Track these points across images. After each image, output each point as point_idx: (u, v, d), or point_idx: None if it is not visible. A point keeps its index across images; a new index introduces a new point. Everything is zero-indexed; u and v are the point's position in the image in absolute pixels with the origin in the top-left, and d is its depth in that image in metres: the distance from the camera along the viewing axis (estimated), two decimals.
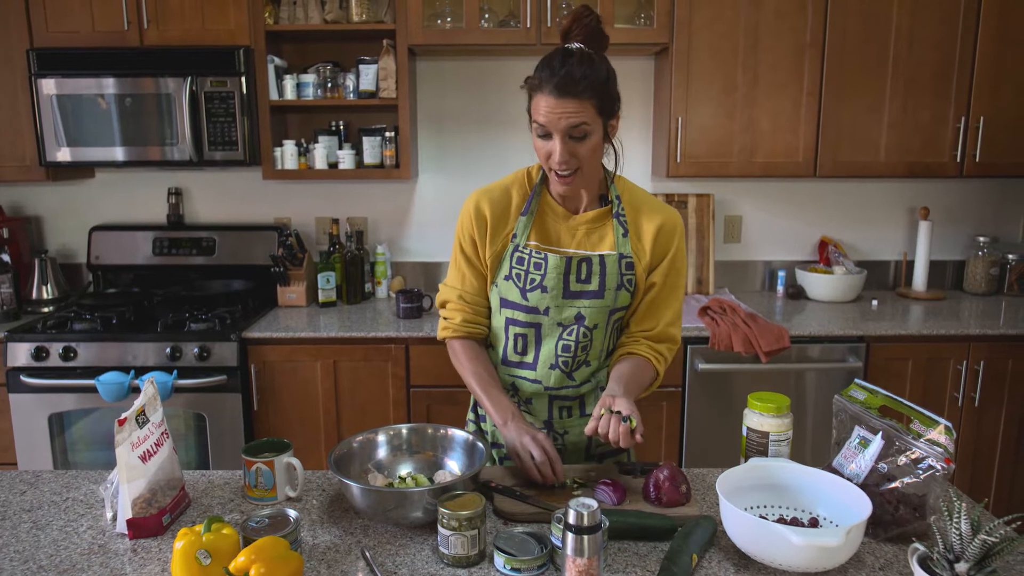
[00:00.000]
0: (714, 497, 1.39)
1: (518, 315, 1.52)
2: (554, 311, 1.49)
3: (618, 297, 1.49)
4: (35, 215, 3.25)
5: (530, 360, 1.54)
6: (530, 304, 1.49)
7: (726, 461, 2.67)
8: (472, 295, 1.57)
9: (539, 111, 1.36)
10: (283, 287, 2.99)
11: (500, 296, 1.53)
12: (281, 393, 2.68)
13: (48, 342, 2.57)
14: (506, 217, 1.53)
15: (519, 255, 1.50)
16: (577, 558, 1.05)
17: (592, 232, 1.51)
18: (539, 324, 1.51)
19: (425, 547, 1.22)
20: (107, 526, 1.29)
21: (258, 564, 1.03)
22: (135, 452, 1.23)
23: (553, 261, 1.47)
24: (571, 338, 1.50)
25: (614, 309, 1.51)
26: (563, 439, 1.59)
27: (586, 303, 1.48)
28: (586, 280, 1.48)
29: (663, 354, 1.53)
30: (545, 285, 1.48)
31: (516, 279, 1.50)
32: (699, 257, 3.15)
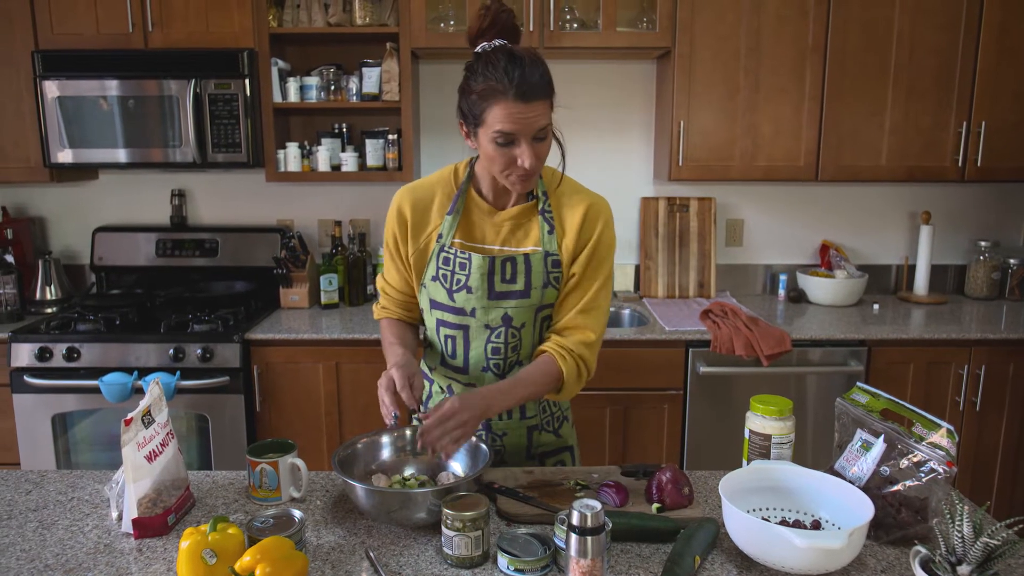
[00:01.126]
0: (716, 499, 1.40)
1: (447, 316, 1.51)
2: (480, 312, 1.48)
3: (544, 295, 1.48)
4: (39, 216, 3.26)
5: (461, 363, 1.54)
6: (457, 305, 1.49)
7: (727, 464, 2.68)
8: (394, 289, 1.61)
9: (502, 119, 1.31)
10: (286, 289, 3.00)
11: (429, 297, 1.52)
12: (283, 394, 2.69)
13: (51, 343, 2.58)
14: (427, 217, 1.51)
15: (445, 255, 1.49)
16: (580, 559, 1.05)
17: (517, 228, 1.49)
18: (467, 326, 1.50)
19: (429, 548, 1.22)
20: (112, 525, 1.30)
21: (263, 564, 1.04)
22: (141, 452, 1.24)
23: (476, 261, 1.46)
24: (499, 340, 1.49)
25: (541, 306, 1.49)
26: (502, 440, 1.58)
27: (512, 303, 1.47)
28: (511, 280, 1.46)
29: (570, 349, 1.45)
30: (470, 286, 1.46)
31: (443, 280, 1.49)
32: (701, 260, 3.16)
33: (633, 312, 3.00)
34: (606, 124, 3.17)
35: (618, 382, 2.64)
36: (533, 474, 1.47)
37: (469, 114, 1.38)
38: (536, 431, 1.59)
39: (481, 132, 1.36)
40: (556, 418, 1.63)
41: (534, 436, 1.59)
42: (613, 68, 3.13)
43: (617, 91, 3.15)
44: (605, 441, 2.69)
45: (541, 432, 1.60)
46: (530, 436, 1.59)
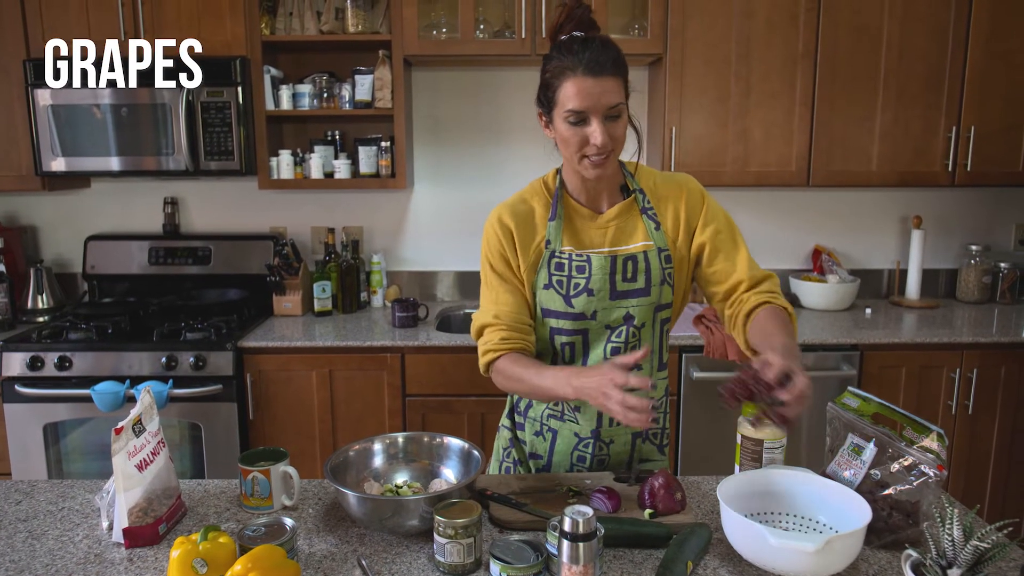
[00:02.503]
0: (709, 504, 1.40)
1: (563, 324, 1.48)
2: (602, 314, 1.46)
3: (663, 293, 1.46)
4: (30, 225, 3.25)
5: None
6: (576, 310, 1.46)
7: (721, 469, 2.67)
8: (508, 312, 1.48)
9: (572, 96, 1.32)
10: (279, 296, 2.99)
11: (541, 307, 1.48)
12: (276, 402, 2.68)
13: (43, 351, 2.57)
14: (532, 226, 1.49)
15: (557, 261, 1.46)
16: (572, 565, 1.05)
17: (622, 228, 1.48)
18: (586, 330, 1.47)
19: (421, 555, 1.22)
20: (103, 535, 1.29)
21: (255, 572, 1.04)
22: (132, 461, 1.24)
23: (598, 262, 1.44)
24: (619, 340, 1.47)
25: (659, 306, 1.47)
26: (608, 448, 1.54)
27: (634, 302, 1.45)
28: (632, 278, 1.45)
29: (771, 291, 1.44)
30: (591, 288, 1.44)
31: (558, 286, 1.46)
32: None
33: None
34: None
35: None
36: (526, 480, 1.46)
37: (544, 98, 1.40)
38: (640, 439, 1.55)
39: (555, 115, 1.38)
40: (664, 433, 1.60)
41: (637, 445, 1.55)
42: None
43: None
44: None
45: (645, 442, 1.56)
46: (633, 445, 1.55)
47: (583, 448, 1.53)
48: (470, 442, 1.42)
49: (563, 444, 1.54)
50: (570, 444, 1.54)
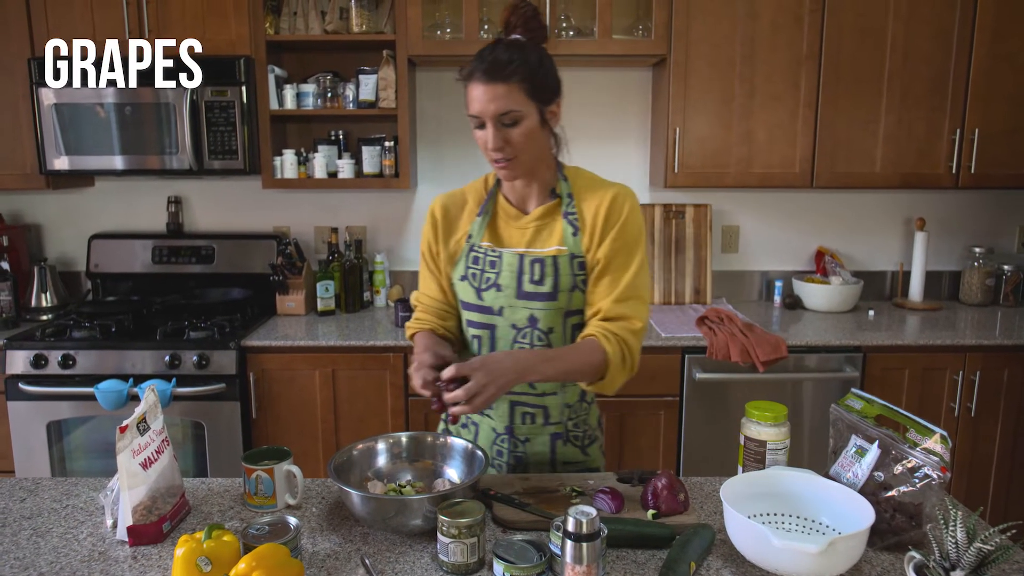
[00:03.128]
0: (712, 505, 1.40)
1: (473, 316, 1.53)
2: (508, 311, 1.48)
3: (572, 299, 1.47)
4: (35, 223, 3.26)
5: None
6: (484, 304, 1.50)
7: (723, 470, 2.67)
8: (430, 298, 1.60)
9: (470, 100, 1.37)
10: (282, 296, 3.00)
11: (459, 298, 1.55)
12: (279, 401, 2.68)
13: (47, 350, 2.57)
14: (459, 219, 1.55)
15: (475, 254, 1.51)
16: (576, 565, 1.05)
17: (541, 230, 1.49)
18: (493, 325, 1.50)
19: (424, 555, 1.22)
20: (107, 533, 1.30)
21: (259, 571, 1.04)
22: (136, 459, 1.24)
23: (507, 259, 1.48)
24: (526, 341, 1.48)
25: (569, 311, 1.48)
26: (524, 446, 1.55)
27: (539, 305, 1.46)
28: (539, 281, 1.46)
29: (616, 333, 1.41)
30: (500, 284, 1.48)
31: (472, 279, 1.51)
32: (696, 267, 3.16)
33: None
34: (602, 131, 3.18)
35: None
36: (529, 480, 1.47)
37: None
38: (560, 440, 1.56)
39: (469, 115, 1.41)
40: (586, 435, 1.60)
41: (558, 447, 1.56)
42: (609, 75, 3.14)
43: (613, 98, 3.16)
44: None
45: (566, 444, 1.57)
46: (553, 446, 1.56)
47: (500, 443, 1.56)
48: (473, 442, 1.42)
49: (483, 438, 1.59)
50: (489, 438, 1.58)
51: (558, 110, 1.44)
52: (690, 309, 3.05)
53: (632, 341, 1.43)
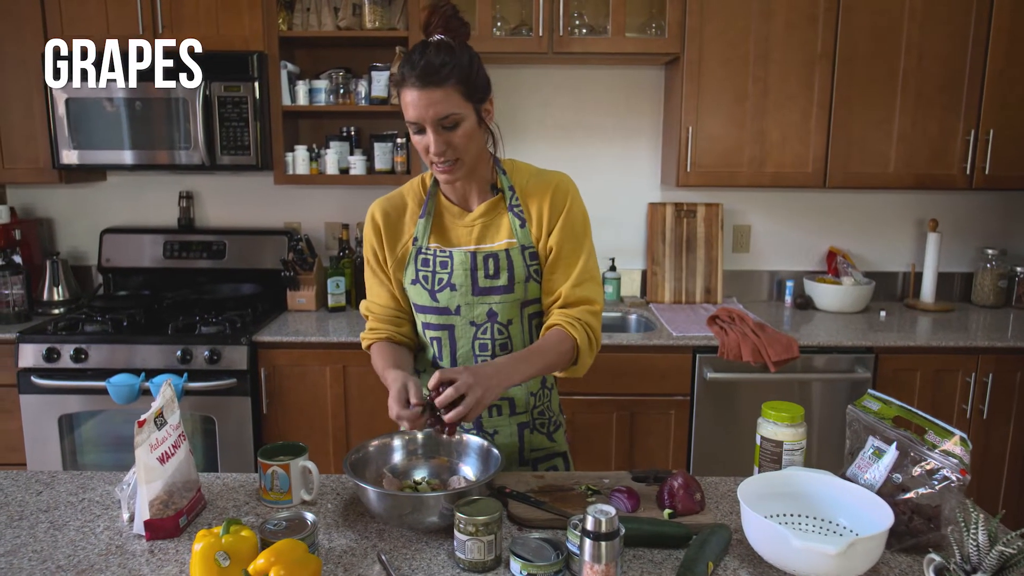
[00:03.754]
0: (727, 505, 1.39)
1: (430, 318, 1.52)
2: (465, 309, 1.49)
3: (528, 289, 1.49)
4: (47, 217, 3.27)
5: (448, 363, 1.54)
6: (440, 304, 1.49)
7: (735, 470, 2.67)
8: (378, 305, 1.58)
9: (406, 106, 1.35)
10: (293, 291, 3.00)
11: (412, 302, 1.54)
12: (290, 397, 2.69)
13: (59, 343, 2.58)
14: (401, 223, 1.53)
15: (423, 256, 1.50)
16: (595, 564, 1.05)
17: (488, 226, 1.49)
18: (452, 325, 1.50)
19: (441, 552, 1.22)
20: (124, 527, 1.30)
21: (277, 567, 1.04)
22: (154, 454, 1.24)
23: (459, 258, 1.47)
24: (486, 336, 1.50)
25: (525, 302, 1.50)
26: (493, 438, 1.56)
27: (497, 299, 1.47)
28: (494, 275, 1.47)
29: (579, 318, 1.46)
30: (453, 283, 1.47)
31: (424, 282, 1.50)
32: (707, 266, 3.16)
33: (640, 317, 3.00)
34: (614, 129, 3.18)
35: (625, 387, 2.64)
36: (544, 479, 1.46)
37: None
38: (528, 430, 1.58)
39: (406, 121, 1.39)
40: (551, 421, 1.62)
41: (526, 436, 1.58)
42: (622, 73, 3.14)
43: (625, 96, 3.16)
44: (611, 446, 2.68)
45: (533, 432, 1.59)
46: (521, 435, 1.58)
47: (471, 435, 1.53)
48: (489, 440, 1.42)
49: None
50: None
51: (491, 107, 1.44)
52: (700, 309, 3.04)
53: (594, 323, 1.49)
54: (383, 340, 1.57)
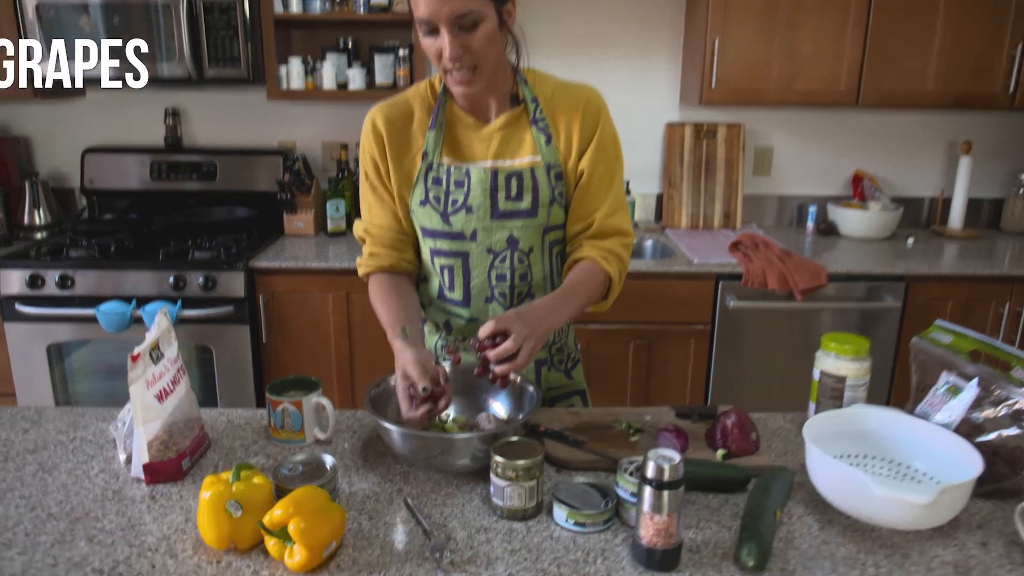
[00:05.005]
0: (780, 445, 1.28)
1: (441, 244, 1.36)
2: (482, 235, 1.33)
3: (551, 213, 1.34)
4: (23, 136, 3.05)
5: (460, 295, 1.39)
6: (454, 229, 1.33)
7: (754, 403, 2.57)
8: (379, 227, 1.40)
9: (417, 1, 1.16)
10: (290, 215, 2.83)
11: (419, 226, 1.37)
12: (290, 326, 2.56)
13: (43, 269, 2.42)
14: (407, 133, 1.34)
15: (434, 175, 1.33)
16: (655, 515, 0.93)
17: (508, 139, 1.32)
18: (466, 252, 1.35)
19: (474, 497, 1.11)
20: (120, 469, 1.17)
21: (297, 518, 0.92)
22: (151, 391, 1.10)
23: (477, 176, 1.31)
24: (505, 266, 1.35)
25: (548, 227, 1.35)
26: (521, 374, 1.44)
27: (518, 224, 1.32)
28: (517, 197, 1.31)
29: (612, 251, 1.34)
30: (470, 205, 1.31)
31: (435, 203, 1.33)
32: (727, 190, 3.00)
33: (656, 243, 2.85)
34: (631, 44, 2.96)
35: (642, 315, 2.51)
36: (579, 415, 1.34)
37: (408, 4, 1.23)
38: (545, 367, 1.46)
39: (416, 27, 1.21)
40: (569, 357, 1.50)
41: (543, 374, 1.46)
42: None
43: (644, 9, 2.93)
44: (627, 378, 2.58)
45: (551, 370, 1.47)
46: (539, 373, 1.46)
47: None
48: (522, 375, 1.29)
49: None
50: None
51: (514, 9, 1.26)
52: (719, 234, 2.90)
53: (626, 257, 1.38)
54: (385, 271, 1.40)
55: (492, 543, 1.00)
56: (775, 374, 2.56)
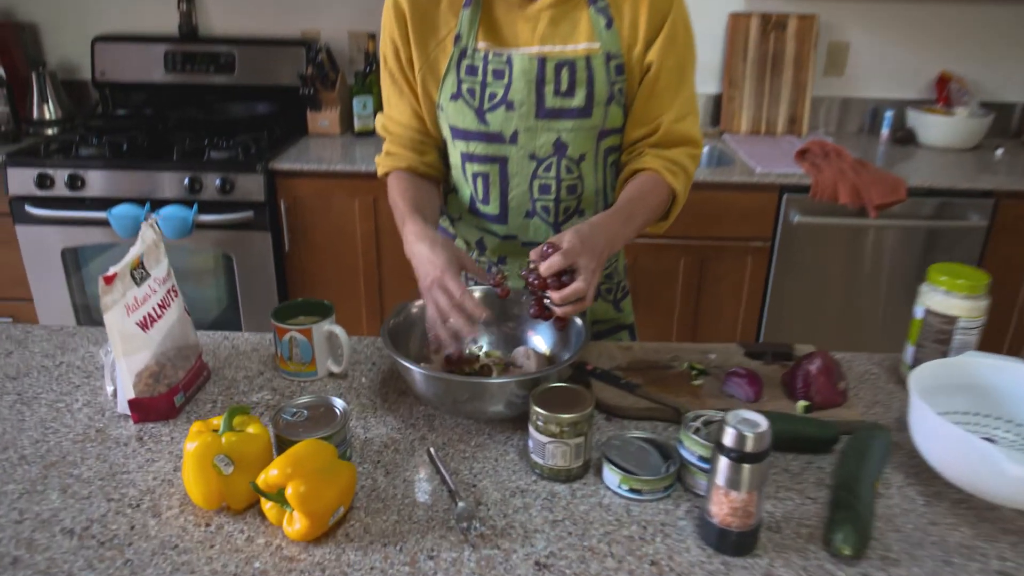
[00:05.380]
0: (868, 394, 1.08)
1: (475, 147, 1.14)
2: (525, 136, 1.12)
3: (608, 115, 1.12)
4: (29, 22, 2.83)
5: (496, 209, 1.18)
6: (491, 129, 1.12)
7: (812, 329, 2.38)
8: (397, 123, 1.20)
9: None
10: (313, 112, 2.61)
11: (449, 125, 1.16)
12: (315, 232, 2.39)
13: (52, 168, 2.26)
14: (435, 11, 1.12)
15: (468, 63, 1.11)
16: (731, 491, 0.76)
17: (560, 21, 1.09)
18: (504, 158, 1.14)
19: (510, 449, 0.94)
20: (107, 403, 1.03)
21: (296, 481, 0.76)
22: (132, 317, 0.94)
23: (520, 65, 1.08)
24: (550, 175, 1.14)
25: (603, 131, 1.13)
26: None
27: (568, 125, 1.11)
28: (568, 92, 1.09)
29: (678, 162, 1.14)
30: (511, 100, 1.09)
31: (468, 97, 1.11)
32: (794, 92, 2.69)
33: (713, 149, 2.59)
34: None
35: (696, 230, 2.29)
36: (632, 350, 1.16)
37: None
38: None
39: None
40: (618, 286, 1.31)
41: None
42: None
43: None
44: (675, 298, 2.38)
45: (597, 299, 1.28)
46: None
47: None
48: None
49: None
50: None
51: None
52: (783, 141, 2.62)
53: (693, 170, 1.19)
54: (403, 170, 1.21)
55: (530, 510, 0.84)
56: (837, 299, 2.34)
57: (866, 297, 2.33)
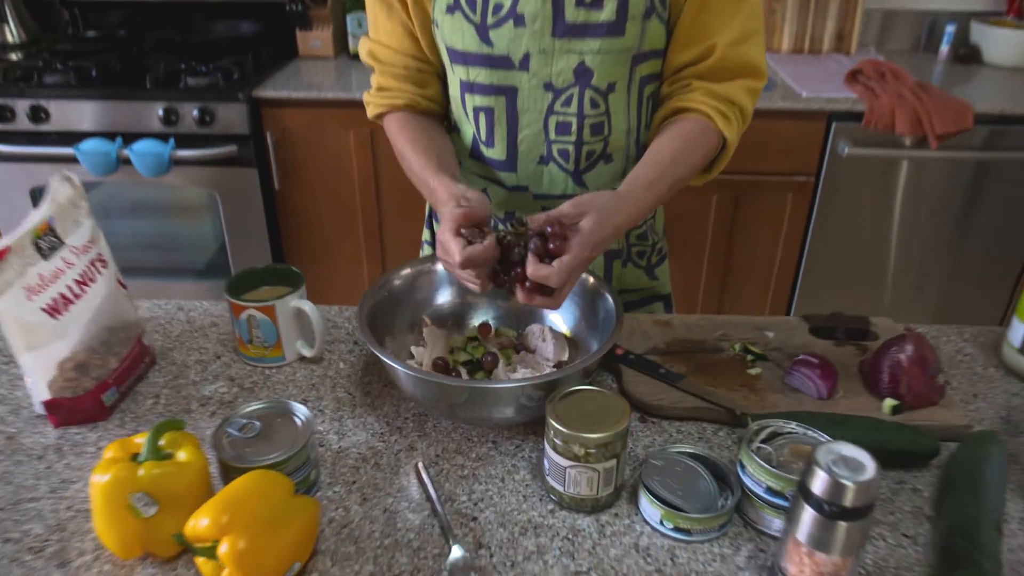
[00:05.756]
0: (965, 383, 0.87)
1: (476, 75, 0.91)
2: (538, 60, 0.87)
3: (647, 33, 0.87)
4: None
5: (503, 153, 0.95)
6: (496, 51, 0.88)
7: (859, 280, 2.16)
8: (388, 50, 0.97)
9: None
10: (303, 32, 2.35)
11: (446, 45, 0.92)
12: (306, 168, 2.16)
13: (12, 98, 2.03)
14: None
15: None
16: (818, 552, 0.56)
17: None
18: (512, 88, 0.90)
19: (520, 463, 0.75)
20: (25, 398, 0.84)
21: (234, 535, 0.57)
22: (35, 302, 0.74)
23: None
24: (569, 110, 0.90)
25: (639, 54, 0.89)
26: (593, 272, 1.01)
27: (594, 45, 0.86)
28: (594, 2, 0.84)
29: (735, 101, 0.90)
30: (520, 13, 0.85)
31: (468, 9, 0.87)
32: (843, 5, 2.38)
33: None
34: None
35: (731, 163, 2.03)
36: (670, 327, 0.95)
37: None
38: (618, 262, 1.05)
39: None
40: (654, 249, 1.08)
41: (615, 271, 1.05)
42: None
43: None
44: (705, 240, 2.15)
45: (627, 266, 1.06)
46: (609, 270, 1.04)
47: None
48: (595, 274, 0.88)
49: None
50: None
51: None
52: (831, 60, 2.33)
53: (752, 108, 0.94)
54: (401, 111, 0.99)
55: (545, 556, 0.65)
56: (888, 243, 2.11)
57: (922, 241, 2.09)
